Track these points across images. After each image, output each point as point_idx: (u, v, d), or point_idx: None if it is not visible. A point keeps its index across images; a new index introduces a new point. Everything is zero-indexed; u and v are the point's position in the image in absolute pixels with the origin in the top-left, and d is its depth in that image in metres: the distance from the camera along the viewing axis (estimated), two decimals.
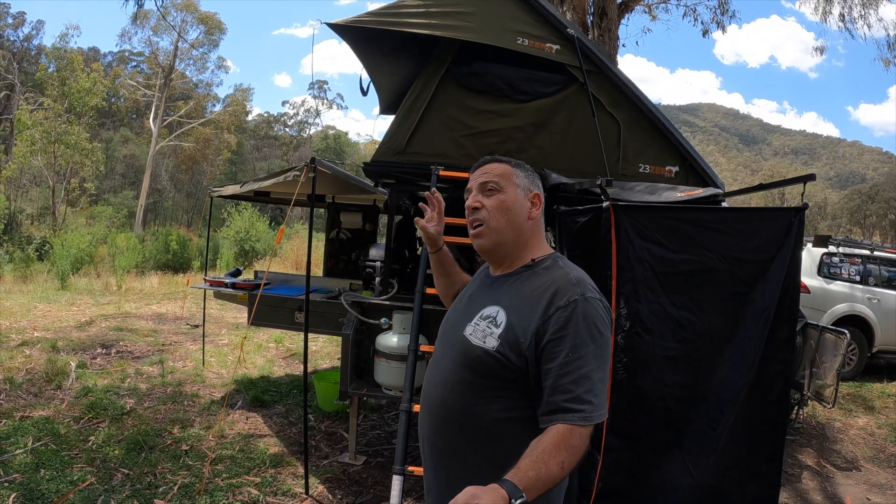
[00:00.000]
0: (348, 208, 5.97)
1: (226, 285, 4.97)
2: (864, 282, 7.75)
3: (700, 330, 2.36)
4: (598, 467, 2.27)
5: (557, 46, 3.35)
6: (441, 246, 1.65)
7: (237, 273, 5.47)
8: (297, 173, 3.04)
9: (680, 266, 2.35)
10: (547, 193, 3.26)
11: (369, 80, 4.13)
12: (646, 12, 12.25)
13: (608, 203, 2.27)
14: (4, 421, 4.06)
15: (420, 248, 3.76)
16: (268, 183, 3.67)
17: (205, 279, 5.30)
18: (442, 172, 3.07)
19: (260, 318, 4.57)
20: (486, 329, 1.29)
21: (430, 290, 2.76)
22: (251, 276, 6.12)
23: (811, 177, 2.62)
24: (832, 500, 3.86)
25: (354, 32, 3.44)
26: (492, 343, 1.26)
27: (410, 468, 2.10)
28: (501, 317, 1.29)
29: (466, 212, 1.43)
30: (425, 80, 3.37)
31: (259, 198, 6.06)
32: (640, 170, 3.48)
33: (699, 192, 3.26)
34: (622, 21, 10.02)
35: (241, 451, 3.84)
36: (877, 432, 5.43)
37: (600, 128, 3.36)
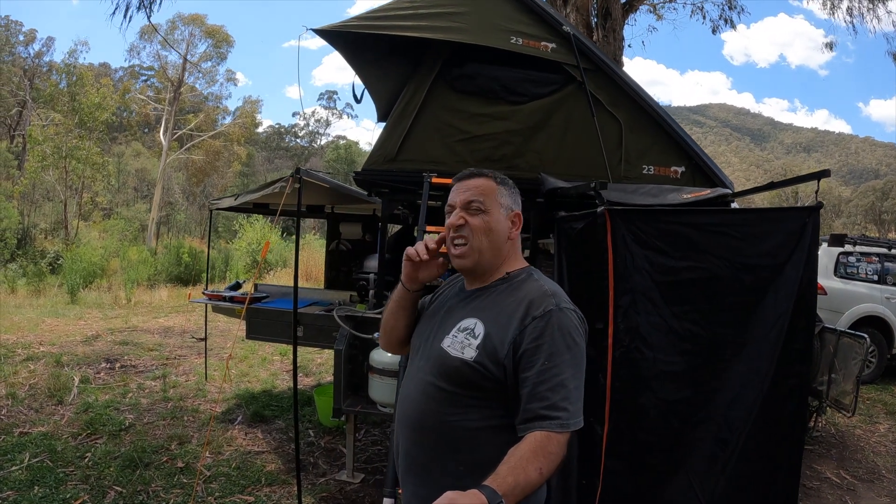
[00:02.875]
0: (348, 219, 5.88)
1: (224, 299, 4.89)
2: (881, 281, 7.52)
3: (706, 343, 2.20)
4: (598, 493, 2.12)
5: (553, 45, 3.23)
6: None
7: (237, 286, 5.39)
8: (283, 184, 2.96)
9: (683, 274, 2.19)
10: (544, 199, 3.16)
11: (363, 86, 4.04)
12: (651, 12, 12.13)
13: (603, 208, 2.13)
14: (3, 437, 4.04)
15: None
16: (257, 195, 3.59)
17: (203, 293, 5.23)
18: (434, 179, 2.96)
19: (258, 331, 4.50)
20: (463, 340, 1.32)
21: None
22: (252, 289, 6.05)
23: (826, 173, 2.46)
24: None
25: (344, 38, 3.35)
26: (470, 353, 1.29)
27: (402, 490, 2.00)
28: (479, 328, 1.32)
29: (449, 227, 1.42)
30: (416, 85, 3.27)
31: (258, 209, 6.00)
32: (644, 171, 3.35)
33: (706, 192, 3.10)
34: (627, 21, 9.93)
35: (236, 468, 3.75)
36: None
37: (600, 128, 3.23)
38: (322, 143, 49.69)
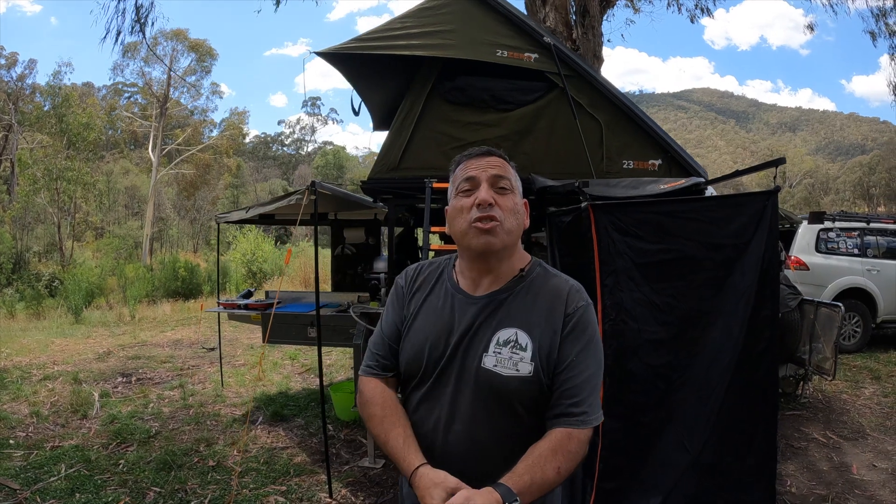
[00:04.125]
0: (351, 224, 6.15)
1: (239, 307, 5.14)
2: (862, 254, 7.81)
3: (682, 314, 2.52)
4: (599, 448, 2.43)
5: (536, 55, 3.52)
6: None
7: (249, 294, 5.65)
8: (300, 196, 3.23)
9: (658, 255, 2.52)
10: (536, 197, 3.45)
11: (360, 100, 4.32)
12: (628, 6, 12.39)
13: (587, 203, 2.44)
14: (36, 452, 4.22)
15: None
16: (272, 207, 3.86)
17: (218, 302, 5.48)
18: (436, 184, 3.24)
19: (274, 335, 4.74)
20: (512, 355, 1.21)
21: None
22: (262, 297, 6.30)
23: (781, 160, 2.77)
24: (839, 469, 3.95)
25: (343, 58, 3.63)
26: (526, 368, 1.19)
27: None
28: (524, 338, 1.22)
29: (473, 203, 1.26)
30: (413, 99, 3.56)
31: (264, 220, 6.25)
32: (625, 166, 3.64)
33: (681, 182, 3.40)
34: (605, 17, 10.18)
35: (265, 463, 4.01)
36: (883, 401, 5.52)
37: (582, 129, 3.52)
38: (309, 149, 49.89)
